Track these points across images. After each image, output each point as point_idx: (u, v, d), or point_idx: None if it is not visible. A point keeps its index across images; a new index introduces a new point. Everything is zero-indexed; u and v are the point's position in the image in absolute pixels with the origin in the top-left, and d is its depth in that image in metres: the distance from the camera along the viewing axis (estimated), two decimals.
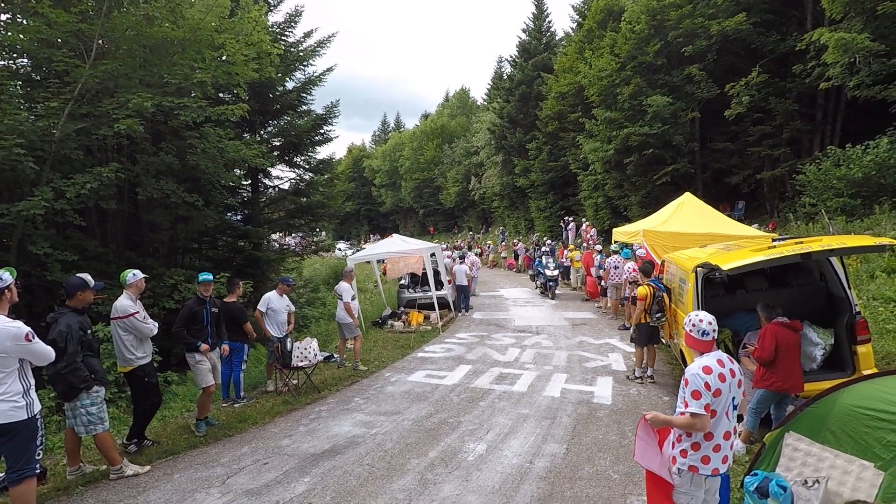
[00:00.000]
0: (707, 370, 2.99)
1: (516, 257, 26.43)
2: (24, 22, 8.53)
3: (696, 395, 2.93)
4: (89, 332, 4.81)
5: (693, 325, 3.15)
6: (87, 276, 4.93)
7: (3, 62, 9.15)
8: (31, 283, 8.76)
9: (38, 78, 9.94)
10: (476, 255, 22.61)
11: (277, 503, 4.38)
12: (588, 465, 5.02)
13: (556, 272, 16.74)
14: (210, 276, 6.53)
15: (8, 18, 9.01)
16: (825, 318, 6.25)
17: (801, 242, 5.47)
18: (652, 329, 7.59)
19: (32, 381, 3.85)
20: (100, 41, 8.58)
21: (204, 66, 9.18)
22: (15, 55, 9.50)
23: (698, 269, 6.24)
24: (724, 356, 3.13)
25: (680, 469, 3.08)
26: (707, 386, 2.94)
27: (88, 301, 4.86)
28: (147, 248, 11.48)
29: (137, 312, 5.38)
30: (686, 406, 2.95)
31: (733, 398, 3.07)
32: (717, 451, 3.03)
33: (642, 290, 7.56)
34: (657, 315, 7.44)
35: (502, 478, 4.76)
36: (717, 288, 7.11)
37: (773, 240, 6.40)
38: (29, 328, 3.74)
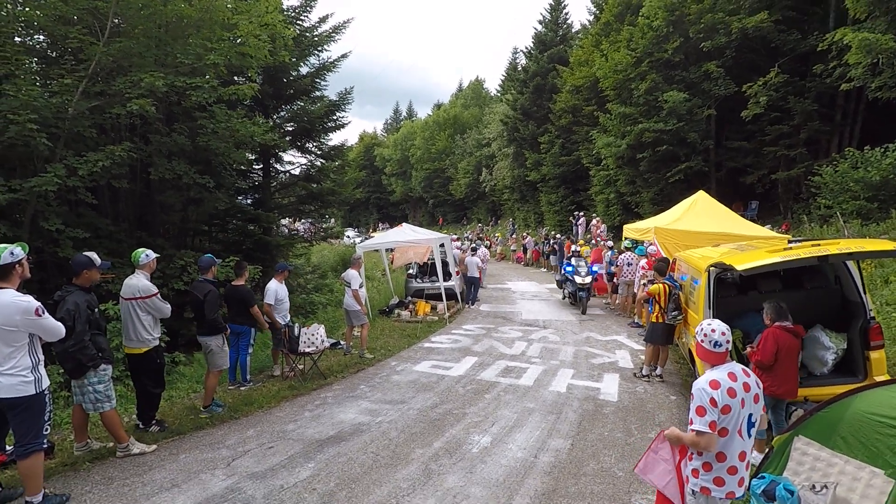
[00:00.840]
0: (714, 385, 2.76)
1: (525, 251, 26.35)
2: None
3: (700, 411, 2.74)
4: (96, 310, 4.81)
5: (705, 335, 2.91)
6: (93, 255, 4.89)
7: (19, 38, 9.17)
8: (44, 259, 8.85)
9: (54, 55, 9.96)
10: (485, 247, 22.58)
11: (282, 487, 4.41)
12: (593, 461, 5.00)
13: (588, 279, 13.24)
14: (212, 257, 6.64)
15: None
16: (838, 321, 6.16)
17: (819, 245, 5.38)
18: (668, 328, 7.49)
19: (42, 357, 3.87)
20: (115, 20, 8.56)
21: (217, 48, 9.14)
22: (31, 31, 9.53)
23: (711, 268, 6.16)
24: (738, 368, 2.91)
25: (693, 490, 2.91)
26: (713, 402, 2.72)
27: (95, 280, 4.86)
28: (158, 229, 11.53)
29: (158, 293, 5.41)
30: (691, 423, 2.79)
31: (749, 415, 2.85)
32: (734, 473, 2.82)
33: (655, 288, 7.46)
34: (674, 313, 7.33)
35: (507, 471, 4.75)
36: (730, 288, 7.02)
37: (789, 241, 6.29)
38: (39, 303, 3.75)
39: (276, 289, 7.72)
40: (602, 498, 4.32)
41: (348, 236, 37.65)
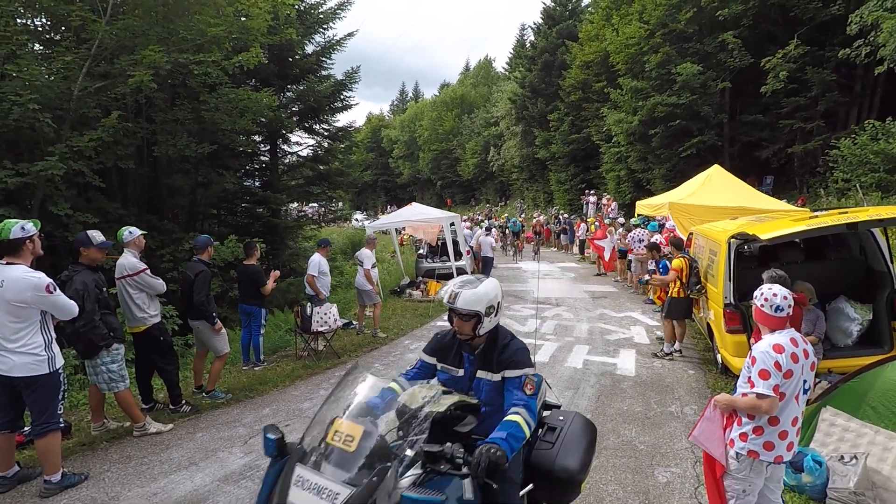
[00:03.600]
0: (778, 348, 2.72)
1: (536, 232, 26.13)
2: None
3: (764, 374, 2.68)
4: (105, 289, 4.70)
5: (766, 299, 2.84)
6: (94, 233, 4.71)
7: (21, 20, 9.04)
8: (55, 243, 8.86)
9: (57, 38, 9.85)
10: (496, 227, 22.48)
11: None
12: (613, 435, 4.93)
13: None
14: (210, 238, 6.33)
15: None
16: (863, 292, 6.00)
17: (846, 213, 5.20)
18: (689, 302, 7.37)
19: (54, 336, 3.83)
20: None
21: (220, 22, 8.95)
22: (32, 13, 9.39)
23: (732, 239, 6.00)
24: (798, 335, 2.86)
25: (738, 453, 2.83)
26: (778, 366, 2.68)
27: (97, 259, 4.72)
28: (167, 213, 11.50)
29: (147, 269, 5.24)
30: (752, 386, 2.72)
31: (805, 381, 2.82)
32: (784, 437, 2.78)
33: (678, 263, 7.25)
34: (697, 287, 7.17)
35: None
36: (749, 261, 6.86)
37: (814, 210, 6.11)
38: (50, 280, 3.69)
39: (319, 261, 7.97)
40: (625, 471, 4.25)
41: (357, 219, 37.62)
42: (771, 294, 2.84)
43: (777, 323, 2.84)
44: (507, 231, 23.71)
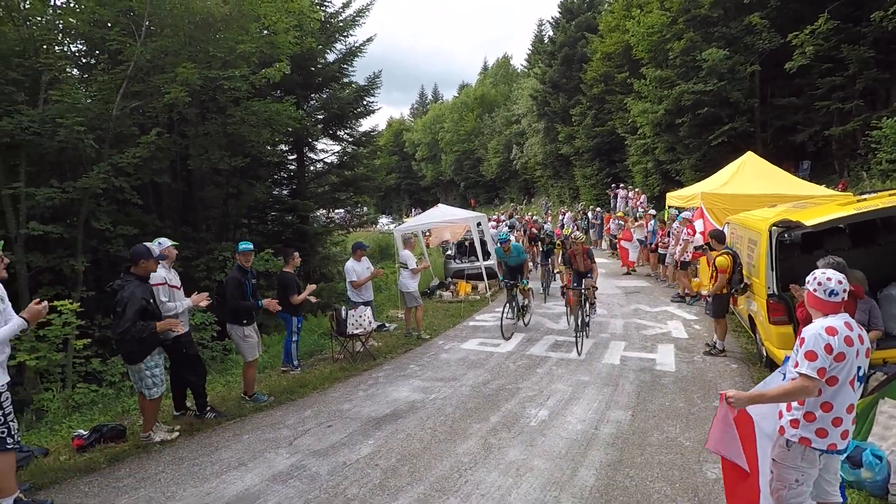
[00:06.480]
0: (831, 331, 2.61)
1: (563, 227, 25.85)
2: (79, 7, 8.75)
3: (811, 355, 2.58)
4: (152, 300, 4.83)
5: (819, 283, 2.74)
6: (152, 245, 5.02)
7: (59, 47, 9.45)
8: (99, 257, 9.23)
9: (93, 62, 10.27)
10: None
11: (345, 464, 4.45)
12: (657, 431, 4.84)
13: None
14: (250, 245, 6.21)
15: (64, 2, 9.26)
16: None
17: None
18: (729, 298, 7.15)
19: None
20: (147, 22, 8.71)
21: (247, 39, 9.20)
22: (69, 40, 9.81)
23: (773, 227, 5.81)
24: (853, 320, 2.75)
25: (789, 441, 2.73)
26: (828, 348, 2.57)
27: (152, 270, 4.91)
28: (201, 224, 11.85)
29: (164, 284, 5.24)
30: (796, 366, 2.63)
31: (859, 367, 2.70)
32: (838, 424, 2.67)
33: (722, 261, 6.89)
34: (741, 285, 6.87)
35: (568, 443, 4.65)
36: (791, 250, 6.63)
37: (861, 193, 5.87)
38: None
39: (352, 266, 8.17)
40: (672, 468, 4.17)
41: (382, 223, 37.93)
42: (825, 278, 2.74)
43: (832, 308, 2.74)
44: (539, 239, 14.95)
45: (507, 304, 8.96)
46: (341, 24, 15.03)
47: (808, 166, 17.31)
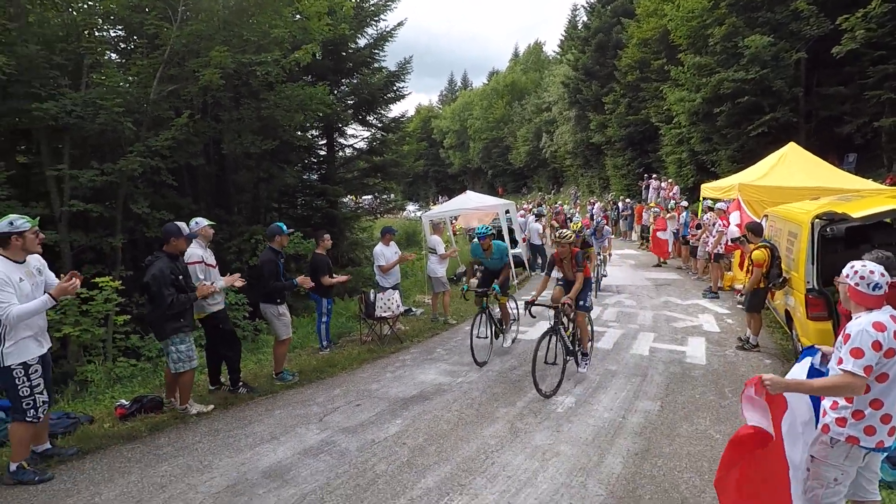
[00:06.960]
0: (879, 327, 2.52)
1: (592, 217, 25.47)
2: None
3: (857, 353, 2.49)
4: (181, 277, 4.91)
5: (861, 277, 2.64)
6: (182, 224, 5.12)
7: (98, 32, 9.72)
8: (136, 238, 9.57)
9: (132, 47, 10.55)
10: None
11: (373, 441, 4.54)
12: (686, 423, 4.78)
13: None
14: (284, 227, 6.28)
15: None
16: None
17: None
18: (766, 293, 6.95)
19: (16, 336, 3.74)
20: (182, 6, 8.88)
21: (281, 24, 9.29)
22: (108, 25, 10.09)
23: (816, 219, 5.61)
24: None
25: (834, 439, 2.66)
26: (877, 346, 2.48)
27: (182, 248, 5.04)
28: (233, 207, 12.13)
29: (200, 262, 5.38)
30: (840, 363, 2.53)
31: None
32: (887, 422, 2.61)
33: (759, 255, 6.69)
34: (780, 279, 6.66)
35: (595, 430, 4.65)
36: (835, 244, 6.39)
37: None
38: None
39: (381, 251, 8.30)
40: (701, 459, 4.12)
41: (409, 210, 38.12)
42: (867, 271, 2.64)
43: (875, 302, 2.64)
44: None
45: (477, 319, 6.76)
46: (373, 9, 15.01)
47: (853, 159, 16.58)
